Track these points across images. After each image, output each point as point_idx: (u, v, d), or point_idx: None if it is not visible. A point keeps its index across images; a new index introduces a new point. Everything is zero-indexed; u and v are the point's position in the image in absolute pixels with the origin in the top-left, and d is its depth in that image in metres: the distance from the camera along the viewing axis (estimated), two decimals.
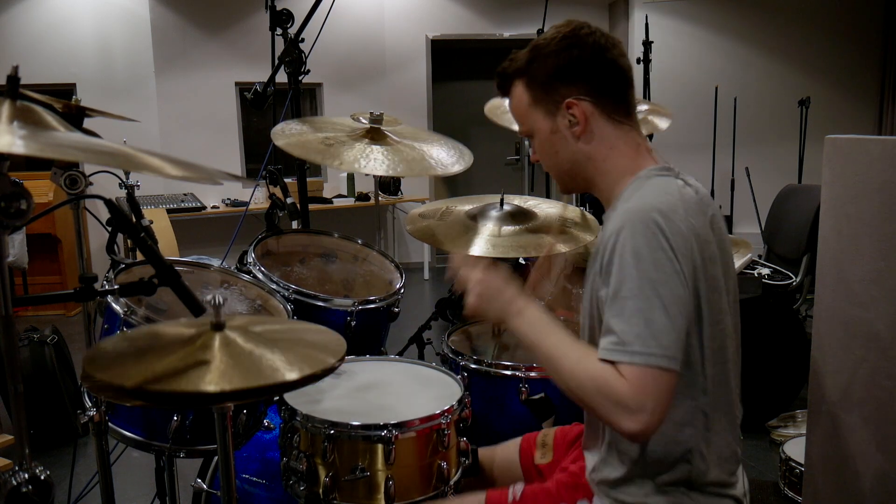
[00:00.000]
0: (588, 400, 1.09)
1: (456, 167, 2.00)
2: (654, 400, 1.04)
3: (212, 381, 0.92)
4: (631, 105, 1.27)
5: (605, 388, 1.06)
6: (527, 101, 1.28)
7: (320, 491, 1.37)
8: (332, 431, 1.36)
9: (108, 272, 1.53)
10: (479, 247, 1.95)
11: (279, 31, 2.43)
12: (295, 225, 2.41)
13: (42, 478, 1.00)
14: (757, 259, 3.90)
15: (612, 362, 1.07)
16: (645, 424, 1.04)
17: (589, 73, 1.23)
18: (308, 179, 2.52)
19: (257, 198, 5.25)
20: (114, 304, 1.47)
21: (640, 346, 1.05)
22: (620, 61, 1.25)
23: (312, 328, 1.19)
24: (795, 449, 2.55)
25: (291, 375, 0.97)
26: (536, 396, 1.72)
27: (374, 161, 1.91)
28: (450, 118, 6.91)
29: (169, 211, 5.53)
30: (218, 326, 1.03)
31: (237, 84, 6.23)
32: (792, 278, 3.63)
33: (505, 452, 1.62)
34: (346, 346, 1.10)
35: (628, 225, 1.10)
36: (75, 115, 1.55)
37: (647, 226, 1.09)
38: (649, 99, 4.27)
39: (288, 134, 1.98)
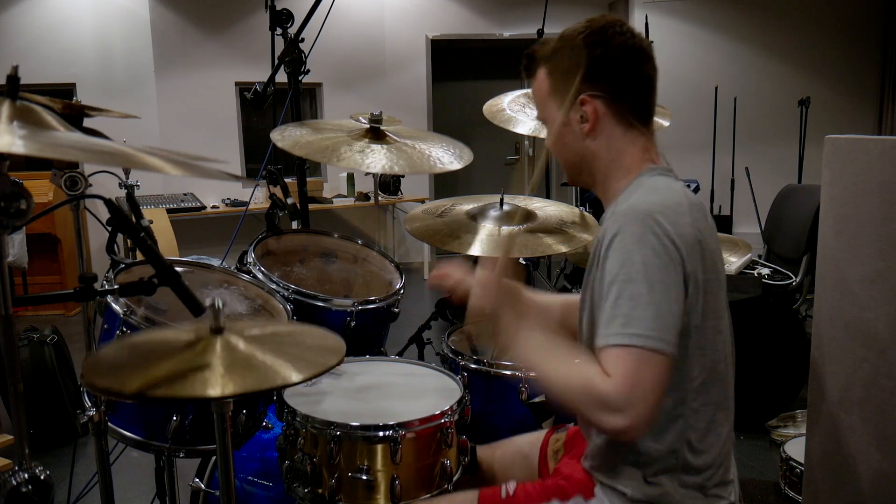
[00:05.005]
0: (576, 403, 1.11)
1: (455, 164, 2.00)
2: (641, 389, 1.04)
3: (213, 386, 0.92)
4: (648, 111, 1.27)
5: (590, 388, 1.06)
6: (546, 88, 1.29)
7: (325, 493, 1.37)
8: (337, 433, 1.36)
9: (107, 272, 1.52)
10: (479, 247, 1.95)
11: (279, 30, 2.43)
12: (295, 225, 2.41)
13: (42, 478, 1.00)
14: (757, 259, 3.90)
15: (616, 345, 1.06)
16: (632, 420, 1.03)
17: (609, 73, 1.22)
18: (308, 179, 2.52)
19: (257, 198, 5.25)
20: (114, 304, 1.47)
21: (629, 328, 1.06)
22: (645, 66, 1.24)
23: (311, 330, 1.20)
24: (795, 449, 2.55)
25: (293, 379, 0.97)
26: (537, 399, 1.72)
27: (373, 159, 1.91)
28: (450, 118, 6.91)
29: (169, 211, 5.53)
30: (218, 331, 1.03)
31: (237, 84, 6.23)
32: (792, 278, 3.63)
33: (505, 452, 1.62)
34: (345, 347, 1.10)
35: (631, 220, 1.12)
36: (75, 115, 1.55)
37: (646, 219, 1.11)
38: None
39: (287, 137, 1.98)
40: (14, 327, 0.99)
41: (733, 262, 2.67)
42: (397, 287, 2.06)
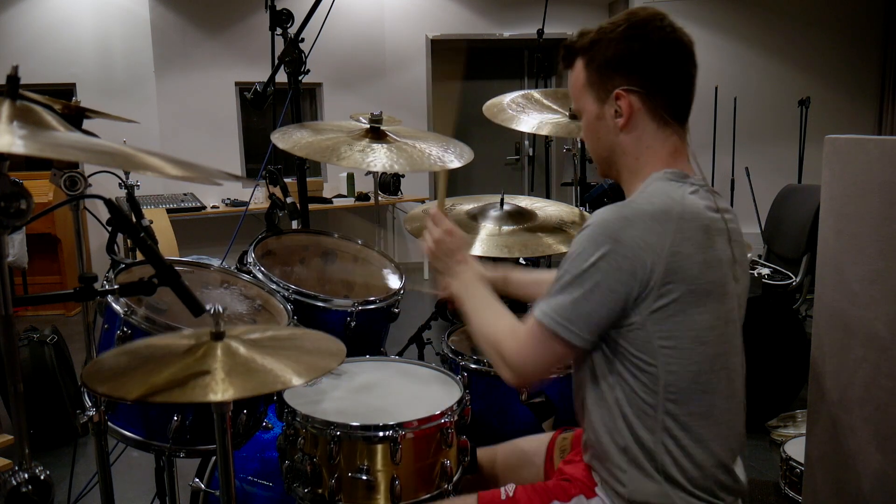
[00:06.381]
0: (484, 348, 1.29)
1: (456, 163, 2.00)
2: (536, 362, 1.21)
3: (214, 391, 0.93)
4: (684, 108, 1.26)
5: (498, 341, 1.25)
6: (582, 80, 1.28)
7: (325, 493, 1.37)
8: (337, 433, 1.36)
9: (108, 272, 1.52)
10: (479, 247, 1.95)
11: (279, 30, 2.43)
12: (295, 225, 2.41)
13: (42, 478, 1.00)
14: (757, 259, 3.90)
15: (538, 319, 1.18)
16: (519, 380, 1.28)
17: (646, 68, 1.21)
18: (308, 179, 2.52)
19: (257, 198, 5.25)
20: (114, 304, 1.47)
21: (549, 308, 1.16)
22: (685, 63, 1.23)
23: (311, 334, 1.20)
24: (795, 449, 2.55)
25: (294, 383, 0.97)
26: (537, 399, 1.72)
27: (374, 157, 1.91)
28: (450, 118, 6.91)
29: (169, 211, 5.53)
30: (218, 336, 1.03)
31: (237, 84, 6.23)
32: (792, 278, 3.63)
33: (505, 453, 1.62)
34: (345, 350, 1.10)
35: (602, 219, 1.14)
36: (75, 116, 1.55)
37: (615, 222, 1.13)
38: None
39: (287, 139, 1.98)
40: (14, 327, 0.99)
41: None
42: (397, 287, 2.06)
